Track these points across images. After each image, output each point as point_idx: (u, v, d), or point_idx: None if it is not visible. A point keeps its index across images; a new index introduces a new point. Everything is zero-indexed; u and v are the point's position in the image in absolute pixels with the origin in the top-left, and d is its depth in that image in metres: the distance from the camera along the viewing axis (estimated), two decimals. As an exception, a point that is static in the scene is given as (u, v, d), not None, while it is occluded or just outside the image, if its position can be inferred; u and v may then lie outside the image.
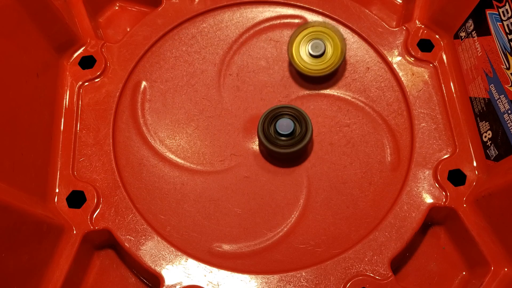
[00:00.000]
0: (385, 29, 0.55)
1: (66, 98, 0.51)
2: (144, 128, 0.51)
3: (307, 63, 0.51)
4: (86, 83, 0.52)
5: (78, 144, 0.49)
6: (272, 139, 0.47)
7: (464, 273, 0.47)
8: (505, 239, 0.43)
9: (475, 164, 0.48)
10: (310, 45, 0.50)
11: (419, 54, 0.53)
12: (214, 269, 0.44)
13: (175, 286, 0.44)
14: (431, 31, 0.54)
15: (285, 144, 0.47)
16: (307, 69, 0.51)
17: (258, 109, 0.52)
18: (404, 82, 0.52)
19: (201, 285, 0.44)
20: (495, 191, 0.43)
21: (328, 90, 0.53)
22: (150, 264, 0.44)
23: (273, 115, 0.48)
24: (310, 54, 0.51)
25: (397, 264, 0.47)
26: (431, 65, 0.53)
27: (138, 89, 0.53)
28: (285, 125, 0.47)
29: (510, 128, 0.44)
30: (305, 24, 0.51)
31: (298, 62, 0.51)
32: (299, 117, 0.48)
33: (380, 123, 0.51)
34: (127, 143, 0.50)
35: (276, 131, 0.47)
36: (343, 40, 0.51)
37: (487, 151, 0.47)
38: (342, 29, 0.55)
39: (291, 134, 0.47)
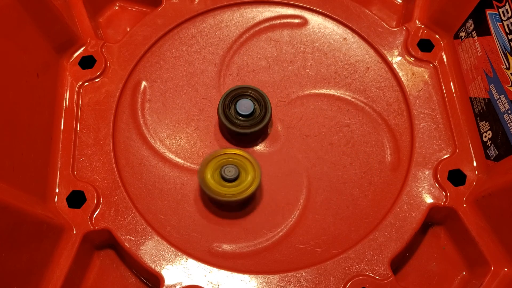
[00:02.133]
0: (385, 29, 0.55)
1: (66, 98, 0.51)
2: (144, 128, 0.51)
3: (221, 188, 0.45)
4: (86, 83, 0.52)
5: (78, 144, 0.49)
6: (231, 119, 0.48)
7: (464, 273, 0.47)
8: (505, 239, 0.43)
9: (475, 164, 0.48)
10: (223, 169, 0.45)
11: (419, 54, 0.53)
12: (214, 269, 0.44)
13: (175, 286, 0.44)
14: (431, 31, 0.54)
15: (244, 125, 0.48)
16: (221, 194, 0.45)
17: (258, 109, 0.52)
18: (404, 82, 0.52)
19: (201, 285, 0.44)
20: (495, 191, 0.43)
21: (328, 90, 0.53)
22: (150, 264, 0.44)
23: (234, 95, 0.49)
24: (223, 178, 0.45)
25: (397, 264, 0.47)
26: (431, 65, 0.53)
27: (138, 89, 0.53)
28: (245, 106, 0.48)
29: (510, 128, 0.44)
30: (215, 151, 0.47)
31: (211, 187, 0.45)
32: (259, 99, 0.48)
33: (380, 123, 0.51)
34: (127, 143, 0.50)
35: (236, 111, 0.48)
36: (257, 164, 0.46)
37: (487, 151, 0.47)
38: (342, 29, 0.55)
39: (250, 115, 0.48)
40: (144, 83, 0.53)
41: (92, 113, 0.51)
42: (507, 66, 0.44)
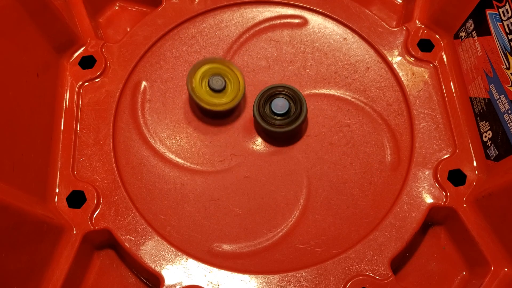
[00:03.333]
0: (385, 29, 0.55)
1: (66, 98, 0.51)
2: (144, 128, 0.51)
3: (208, 98, 0.49)
4: (86, 83, 0.52)
5: (78, 144, 0.49)
6: (267, 118, 0.48)
7: (464, 273, 0.47)
8: (505, 239, 0.43)
9: (475, 164, 0.48)
10: (210, 80, 0.49)
11: (419, 54, 0.53)
12: (214, 269, 0.44)
13: (175, 286, 0.44)
14: (431, 31, 0.54)
15: (280, 124, 0.48)
16: (207, 104, 0.49)
17: (258, 109, 0.52)
18: (404, 82, 0.52)
19: (201, 285, 0.44)
20: (495, 191, 0.44)
21: (328, 90, 0.53)
22: (150, 264, 0.44)
23: (269, 95, 0.49)
24: (211, 89, 0.49)
25: (397, 264, 0.47)
26: (431, 65, 0.53)
27: (138, 89, 0.53)
28: (280, 105, 0.48)
29: (510, 128, 0.44)
30: (203, 60, 0.50)
31: (199, 96, 0.49)
32: (294, 97, 0.49)
33: (380, 123, 0.51)
34: (127, 143, 0.50)
35: (271, 111, 0.48)
36: (242, 75, 0.50)
37: (487, 151, 0.47)
38: (342, 29, 0.55)
39: (286, 114, 0.48)
40: (144, 83, 0.53)
41: (92, 113, 0.51)
42: (507, 66, 0.44)
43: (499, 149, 0.45)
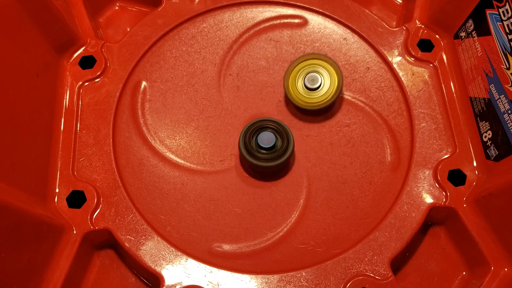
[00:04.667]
0: (385, 29, 0.55)
1: (66, 98, 0.51)
2: (144, 128, 0.51)
3: (303, 96, 0.50)
4: (86, 83, 0.52)
5: (78, 144, 0.49)
6: (253, 152, 0.47)
7: (464, 273, 0.47)
8: (505, 239, 0.43)
9: (475, 164, 0.48)
10: (306, 78, 0.50)
11: (419, 54, 0.53)
12: (214, 269, 0.44)
13: (175, 286, 0.44)
14: (431, 31, 0.54)
15: (266, 158, 0.46)
16: (303, 102, 0.50)
17: (258, 109, 0.52)
18: (404, 82, 0.52)
19: (201, 285, 0.44)
20: (495, 191, 0.43)
21: (328, 90, 0.53)
22: (150, 264, 0.44)
23: (255, 128, 0.47)
24: (306, 87, 0.50)
25: (397, 264, 0.47)
26: (431, 65, 0.53)
27: (138, 89, 0.53)
28: (266, 139, 0.47)
29: (510, 128, 0.44)
30: (301, 56, 0.50)
31: (294, 95, 0.50)
32: (281, 131, 0.47)
33: (380, 123, 0.51)
34: (127, 143, 0.50)
35: (257, 144, 0.47)
36: (340, 73, 0.50)
37: (487, 151, 0.47)
38: (342, 29, 0.55)
39: (272, 148, 0.47)
40: (144, 83, 0.53)
41: (92, 113, 0.51)
42: (507, 66, 0.44)
43: (499, 149, 0.45)
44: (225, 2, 0.56)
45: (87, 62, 0.53)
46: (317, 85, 0.49)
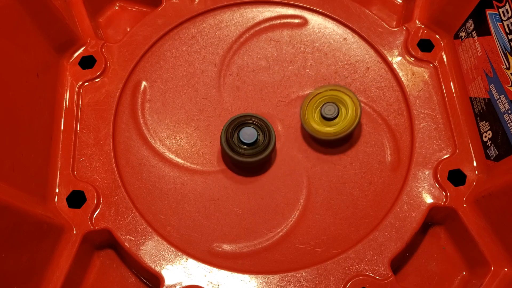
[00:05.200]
0: (385, 29, 0.55)
1: (66, 98, 0.51)
2: (144, 128, 0.51)
3: (320, 126, 0.48)
4: (86, 83, 0.52)
5: (78, 144, 0.49)
6: (234, 148, 0.47)
7: (464, 273, 0.47)
8: (505, 239, 0.43)
9: (475, 164, 0.48)
10: (323, 108, 0.48)
11: (419, 54, 0.53)
12: (214, 269, 0.44)
13: (175, 286, 0.44)
14: (431, 31, 0.54)
15: (247, 153, 0.47)
16: (319, 132, 0.48)
17: (258, 109, 0.52)
18: (404, 82, 0.52)
19: (201, 285, 0.44)
20: (495, 191, 0.43)
21: (328, 90, 0.53)
22: (150, 264, 0.44)
23: (237, 124, 0.47)
24: (323, 117, 0.48)
25: (397, 264, 0.47)
26: (431, 65, 0.53)
27: (138, 89, 0.53)
28: (248, 134, 0.47)
29: (510, 128, 0.44)
30: (319, 87, 0.49)
31: (310, 125, 0.48)
32: (262, 127, 0.47)
33: (380, 123, 0.51)
34: (127, 143, 0.50)
35: (239, 140, 0.47)
36: (358, 102, 0.48)
37: (487, 151, 0.47)
38: (342, 29, 0.55)
39: (254, 143, 0.47)
40: (144, 83, 0.53)
41: (92, 113, 0.51)
42: (507, 66, 0.44)
43: (499, 149, 0.45)
44: (225, 2, 0.56)
45: (87, 62, 0.53)
46: (334, 115, 0.47)
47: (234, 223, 0.47)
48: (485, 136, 0.47)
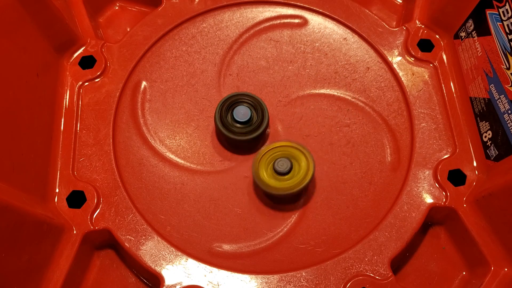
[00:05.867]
0: (385, 29, 0.55)
1: (66, 98, 0.51)
2: (144, 128, 0.51)
3: (273, 181, 0.45)
4: (86, 83, 0.52)
5: (78, 144, 0.49)
6: (228, 126, 0.48)
7: (464, 273, 0.47)
8: (505, 239, 0.43)
9: (475, 164, 0.48)
10: (276, 162, 0.46)
11: (419, 54, 0.53)
12: (214, 269, 0.44)
13: (175, 286, 0.44)
14: (431, 31, 0.54)
15: (241, 132, 0.47)
16: (272, 187, 0.45)
17: (258, 109, 0.52)
18: (404, 82, 0.52)
19: (201, 285, 0.44)
20: (495, 191, 0.43)
21: (328, 90, 0.53)
22: (150, 264, 0.44)
23: (231, 102, 0.48)
24: (276, 172, 0.46)
25: (397, 264, 0.47)
26: (431, 65, 0.53)
27: (138, 89, 0.53)
28: (242, 113, 0.48)
29: (510, 128, 0.44)
30: (270, 144, 0.47)
31: (264, 180, 0.46)
32: (256, 105, 0.48)
33: (380, 123, 0.51)
34: (127, 143, 0.50)
35: (233, 118, 0.48)
36: (311, 157, 0.46)
37: (487, 151, 0.47)
38: (342, 29, 0.55)
39: (247, 122, 0.48)
40: (144, 83, 0.53)
41: (92, 113, 0.51)
42: (507, 66, 0.44)
43: (499, 149, 0.45)
44: (225, 2, 0.56)
45: (87, 62, 0.53)
46: (287, 170, 0.45)
47: (234, 223, 0.47)
48: (485, 136, 0.47)
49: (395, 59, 0.53)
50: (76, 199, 0.47)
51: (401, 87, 0.52)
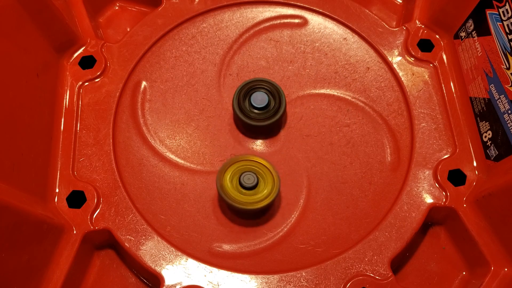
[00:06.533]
0: (385, 29, 0.55)
1: (66, 98, 0.51)
2: (144, 128, 0.51)
3: (239, 196, 0.45)
4: (86, 83, 0.52)
5: (78, 144, 0.49)
6: (246, 112, 0.48)
7: (464, 273, 0.47)
8: (505, 239, 0.43)
9: (475, 164, 0.48)
10: (242, 177, 0.45)
11: (419, 54, 0.53)
12: (214, 269, 0.44)
13: (175, 286, 0.44)
14: (431, 31, 0.54)
15: (259, 118, 0.48)
16: (238, 202, 0.45)
17: (258, 109, 0.52)
18: (404, 82, 0.52)
19: (201, 285, 0.44)
20: (495, 191, 0.44)
21: (328, 90, 0.53)
22: (150, 264, 0.44)
23: (248, 88, 0.49)
24: (242, 186, 0.45)
25: (397, 264, 0.47)
26: (431, 65, 0.53)
27: (138, 89, 0.53)
28: (259, 99, 0.48)
29: (510, 128, 0.44)
30: (235, 157, 0.47)
31: (230, 194, 0.45)
32: (273, 91, 0.49)
33: (380, 123, 0.51)
34: (127, 143, 0.50)
35: (250, 104, 0.48)
36: (276, 173, 0.46)
37: (487, 151, 0.47)
38: (342, 29, 0.55)
39: (265, 108, 0.48)
40: (144, 83, 0.53)
41: (92, 113, 0.51)
42: (507, 66, 0.44)
43: (499, 149, 0.45)
44: (225, 2, 0.56)
45: (87, 62, 0.53)
46: (253, 184, 0.45)
47: (234, 223, 0.47)
48: (485, 136, 0.47)
49: (395, 59, 0.53)
50: (76, 199, 0.47)
51: (401, 87, 0.52)
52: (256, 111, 0.49)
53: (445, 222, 0.48)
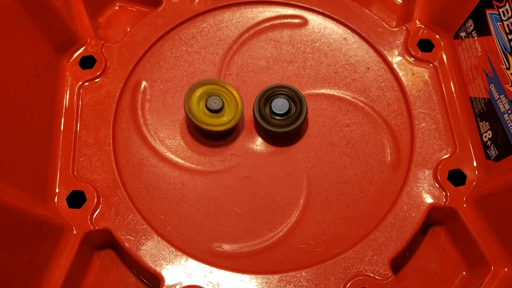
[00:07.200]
0: (385, 29, 0.55)
1: (66, 98, 0.51)
2: (144, 128, 0.51)
3: (206, 119, 0.48)
4: (86, 83, 0.52)
5: (78, 144, 0.49)
6: (267, 119, 0.48)
7: (464, 273, 0.47)
8: (505, 239, 0.43)
9: (475, 164, 0.48)
10: (208, 100, 0.48)
11: (419, 54, 0.53)
12: (214, 269, 0.44)
13: (175, 286, 0.44)
14: (431, 31, 0.54)
15: (280, 124, 0.48)
16: (206, 124, 0.48)
17: (258, 109, 0.52)
18: (404, 82, 0.52)
19: (201, 285, 0.44)
20: (495, 191, 0.44)
21: (328, 90, 0.53)
22: (150, 264, 0.44)
23: (269, 95, 0.49)
24: (209, 109, 0.48)
25: (397, 264, 0.47)
26: (431, 65, 0.53)
27: (138, 89, 0.53)
28: (280, 105, 0.48)
29: (510, 128, 0.44)
30: (198, 82, 0.49)
31: (197, 117, 0.48)
32: (294, 97, 0.49)
33: (380, 123, 0.51)
34: (127, 143, 0.50)
35: (271, 111, 0.48)
36: (239, 95, 0.49)
37: (487, 151, 0.47)
38: (342, 29, 0.55)
39: (286, 114, 0.48)
40: (144, 83, 0.53)
41: (92, 113, 0.51)
42: (507, 66, 0.44)
43: (499, 149, 0.45)
44: (225, 2, 0.56)
45: (87, 62, 0.53)
46: (219, 107, 0.48)
47: (234, 223, 0.47)
48: (485, 136, 0.47)
49: (395, 59, 0.53)
50: (76, 199, 0.47)
51: (401, 87, 0.52)
52: (277, 117, 0.48)
53: (445, 222, 0.48)
